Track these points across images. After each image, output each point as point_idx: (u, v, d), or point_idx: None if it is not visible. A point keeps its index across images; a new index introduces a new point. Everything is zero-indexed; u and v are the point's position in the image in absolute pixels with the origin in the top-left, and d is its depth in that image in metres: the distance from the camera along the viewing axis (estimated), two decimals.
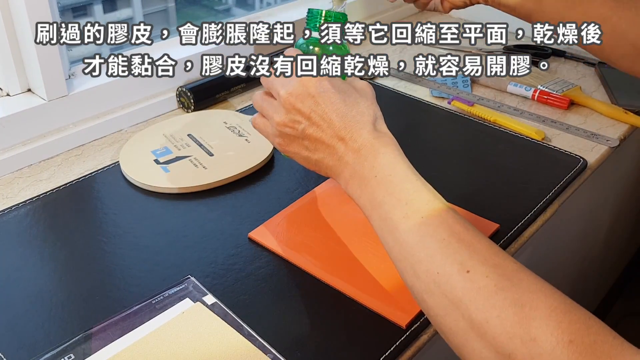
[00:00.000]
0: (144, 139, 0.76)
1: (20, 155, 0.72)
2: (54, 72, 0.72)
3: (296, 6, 1.06)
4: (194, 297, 0.53)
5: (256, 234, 0.61)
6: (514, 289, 0.39)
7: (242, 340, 0.49)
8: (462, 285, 0.41)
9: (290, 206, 0.65)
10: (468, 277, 0.41)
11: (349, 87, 0.53)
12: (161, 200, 0.67)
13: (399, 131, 0.62)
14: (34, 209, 0.65)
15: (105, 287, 0.55)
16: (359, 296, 0.54)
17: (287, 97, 0.52)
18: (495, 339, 0.38)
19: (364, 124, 0.51)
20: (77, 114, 0.77)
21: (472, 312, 0.40)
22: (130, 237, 0.61)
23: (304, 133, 0.52)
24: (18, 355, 0.48)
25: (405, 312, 0.53)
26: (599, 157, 0.77)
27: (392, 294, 0.55)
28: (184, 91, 0.84)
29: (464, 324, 0.40)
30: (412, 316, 0.53)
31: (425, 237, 0.44)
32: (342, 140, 0.50)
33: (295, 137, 0.53)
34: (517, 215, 0.66)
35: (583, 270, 1.17)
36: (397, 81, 0.96)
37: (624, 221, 1.31)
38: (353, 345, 0.50)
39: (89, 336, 0.49)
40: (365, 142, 0.50)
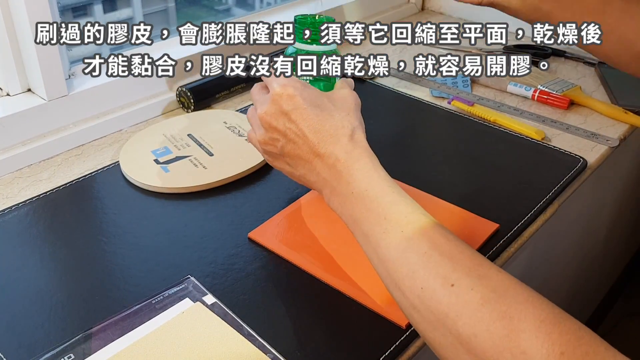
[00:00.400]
0: (144, 138, 0.76)
1: (20, 155, 0.72)
2: (54, 72, 0.72)
3: (296, 6, 1.06)
4: (193, 297, 0.53)
5: (256, 234, 0.61)
6: (501, 301, 0.39)
7: (242, 340, 0.49)
8: (447, 300, 0.40)
9: (290, 206, 0.65)
10: (453, 291, 0.40)
11: (324, 99, 0.52)
12: (161, 200, 0.67)
13: (399, 131, 0.63)
14: (34, 209, 0.65)
15: (105, 286, 0.55)
16: (359, 296, 0.54)
17: (263, 115, 0.52)
18: (485, 353, 0.38)
19: (338, 137, 0.50)
20: (77, 114, 0.77)
21: (460, 327, 0.39)
22: (130, 236, 0.62)
23: (283, 150, 0.52)
24: (18, 355, 0.48)
25: (396, 307, 0.53)
26: (599, 157, 0.77)
27: (385, 289, 0.55)
28: (184, 91, 0.84)
29: (452, 338, 0.39)
30: None
31: (406, 252, 0.43)
32: (318, 156, 0.50)
33: (277, 154, 0.53)
34: (517, 215, 0.66)
35: (583, 270, 1.17)
36: (397, 81, 0.96)
37: (623, 221, 1.31)
38: (353, 345, 0.50)
39: (88, 336, 0.49)
40: (340, 156, 0.49)
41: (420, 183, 0.69)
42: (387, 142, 0.80)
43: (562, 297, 1.12)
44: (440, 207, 0.66)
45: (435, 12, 1.25)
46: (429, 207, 0.65)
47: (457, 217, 0.65)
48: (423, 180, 0.70)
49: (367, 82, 0.94)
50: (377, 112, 0.87)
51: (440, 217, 0.64)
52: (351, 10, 1.10)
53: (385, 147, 0.78)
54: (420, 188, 0.68)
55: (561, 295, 1.11)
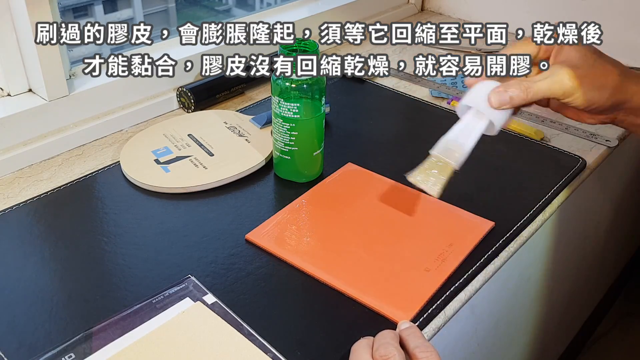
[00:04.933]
0: (145, 139, 0.76)
1: (21, 155, 0.72)
2: (54, 72, 0.72)
3: (296, 6, 1.06)
4: (194, 297, 0.53)
5: (253, 236, 0.61)
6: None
7: (242, 339, 0.49)
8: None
9: (288, 206, 0.66)
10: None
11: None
12: (161, 200, 0.67)
13: (399, 131, 0.63)
14: (34, 209, 0.65)
15: (106, 286, 0.56)
16: (358, 295, 0.55)
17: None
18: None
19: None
20: (77, 114, 0.77)
21: None
22: (131, 236, 0.62)
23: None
24: (18, 355, 0.48)
25: (404, 310, 0.53)
26: (598, 157, 0.77)
27: (391, 292, 0.55)
28: (184, 91, 0.84)
29: None
30: (412, 314, 0.53)
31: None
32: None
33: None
34: (516, 215, 0.66)
35: (582, 270, 1.17)
36: (397, 81, 0.96)
37: (622, 221, 1.31)
38: (353, 343, 0.50)
39: (89, 335, 0.49)
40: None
41: None
42: (386, 142, 0.80)
43: (562, 296, 1.12)
44: (436, 206, 0.66)
45: (435, 13, 1.25)
46: (425, 207, 0.66)
47: (453, 215, 0.65)
48: None
49: (367, 82, 0.94)
50: (377, 112, 0.88)
51: (435, 216, 0.65)
52: (351, 10, 1.10)
53: (385, 147, 0.78)
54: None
55: (560, 295, 1.11)
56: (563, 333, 1.29)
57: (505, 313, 0.85)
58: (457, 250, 0.60)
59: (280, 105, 0.65)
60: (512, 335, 0.94)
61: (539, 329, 1.07)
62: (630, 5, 1.01)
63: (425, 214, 0.65)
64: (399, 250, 0.60)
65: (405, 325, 0.49)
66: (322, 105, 0.66)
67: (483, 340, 0.80)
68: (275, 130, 0.68)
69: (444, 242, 0.61)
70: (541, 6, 1.09)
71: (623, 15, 1.02)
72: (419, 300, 0.55)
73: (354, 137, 0.80)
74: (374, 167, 0.72)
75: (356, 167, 0.72)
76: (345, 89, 0.92)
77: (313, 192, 0.68)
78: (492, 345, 0.86)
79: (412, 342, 0.47)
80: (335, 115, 0.84)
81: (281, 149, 0.68)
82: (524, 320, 0.95)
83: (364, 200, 0.67)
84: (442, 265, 0.58)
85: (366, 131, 0.82)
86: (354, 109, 0.87)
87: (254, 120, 0.80)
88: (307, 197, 0.67)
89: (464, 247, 0.61)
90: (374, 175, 0.71)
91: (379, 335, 0.48)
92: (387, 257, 0.59)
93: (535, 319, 1.01)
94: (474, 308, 0.67)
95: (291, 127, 0.66)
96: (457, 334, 0.68)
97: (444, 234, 0.62)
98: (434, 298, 0.55)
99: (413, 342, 0.47)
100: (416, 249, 0.60)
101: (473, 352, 0.78)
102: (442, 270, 0.58)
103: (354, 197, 0.67)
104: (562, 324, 1.24)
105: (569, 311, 1.24)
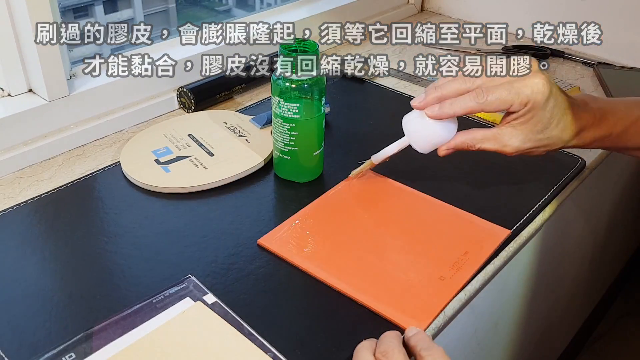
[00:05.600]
0: (145, 139, 0.76)
1: (22, 155, 0.72)
2: (55, 72, 0.72)
3: (296, 6, 1.06)
4: (194, 296, 0.53)
5: (265, 241, 0.60)
6: None
7: (242, 339, 0.49)
8: None
9: (300, 212, 0.65)
10: None
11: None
12: (162, 200, 0.67)
13: (399, 131, 0.63)
14: (35, 209, 0.65)
15: (106, 286, 0.56)
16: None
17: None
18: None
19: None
20: (78, 114, 0.77)
21: None
22: (131, 236, 0.62)
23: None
24: (19, 355, 0.48)
25: (418, 319, 0.52)
26: (598, 157, 0.77)
27: (404, 300, 0.54)
28: (185, 91, 0.84)
29: None
30: (426, 324, 0.52)
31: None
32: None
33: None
34: (515, 215, 0.66)
35: (581, 270, 1.17)
36: (397, 81, 0.96)
37: (622, 221, 1.31)
38: (353, 345, 0.50)
39: (89, 335, 0.49)
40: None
41: (419, 183, 0.69)
42: (386, 142, 0.80)
43: (561, 297, 1.12)
44: (449, 212, 0.66)
45: (435, 13, 1.25)
46: (438, 213, 0.65)
47: (467, 222, 0.64)
48: (423, 180, 0.70)
49: (367, 82, 0.94)
50: (377, 112, 0.88)
51: (449, 222, 0.64)
52: (351, 10, 1.10)
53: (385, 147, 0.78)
54: (419, 188, 0.69)
55: (560, 295, 1.11)
56: (563, 333, 1.29)
57: (505, 313, 0.85)
58: (472, 259, 0.59)
59: (280, 106, 0.65)
60: (512, 335, 0.94)
61: (538, 329, 1.07)
62: (630, 5, 1.01)
63: (439, 221, 0.64)
64: (413, 258, 0.59)
65: (414, 332, 0.50)
66: (322, 106, 0.66)
67: (483, 340, 0.80)
68: (275, 130, 0.68)
69: (459, 250, 0.60)
70: (541, 6, 1.09)
71: (623, 15, 1.02)
72: (434, 310, 0.53)
73: (354, 137, 0.80)
74: (374, 167, 0.72)
75: (371, 172, 0.71)
76: (345, 89, 0.92)
77: (326, 198, 0.67)
78: (492, 345, 0.86)
79: (419, 345, 0.48)
80: (335, 115, 0.84)
81: (281, 149, 0.68)
82: (524, 321, 0.95)
83: (377, 205, 0.66)
84: (457, 274, 0.57)
85: (366, 131, 0.82)
86: (354, 109, 0.87)
87: (254, 120, 0.80)
88: (320, 202, 0.66)
89: (480, 255, 0.59)
90: (387, 180, 0.70)
91: (382, 336, 0.49)
92: (401, 264, 0.58)
93: (535, 319, 1.01)
94: (474, 308, 0.67)
95: (291, 127, 0.66)
96: (457, 334, 0.68)
97: (460, 242, 0.61)
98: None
99: (420, 345, 0.48)
100: (431, 256, 0.59)
101: (473, 352, 0.78)
102: (457, 279, 0.56)
103: (367, 203, 0.66)
104: (561, 324, 1.24)
105: (569, 311, 1.24)
